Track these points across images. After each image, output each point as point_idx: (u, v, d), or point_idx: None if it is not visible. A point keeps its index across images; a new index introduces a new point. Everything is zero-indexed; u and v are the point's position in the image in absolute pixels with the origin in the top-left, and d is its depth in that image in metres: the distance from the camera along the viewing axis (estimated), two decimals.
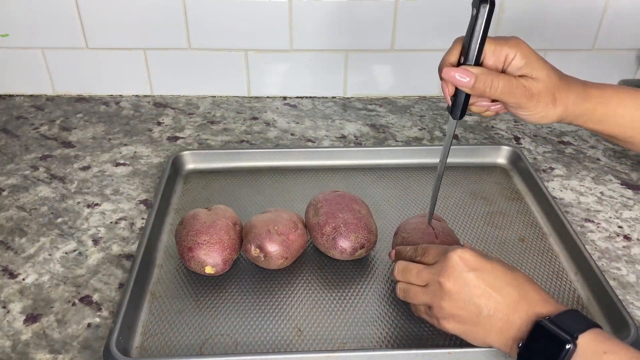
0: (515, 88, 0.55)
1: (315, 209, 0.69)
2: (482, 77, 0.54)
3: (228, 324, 0.62)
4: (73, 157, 0.92)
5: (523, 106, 0.57)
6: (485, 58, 0.56)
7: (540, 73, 0.56)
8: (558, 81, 0.57)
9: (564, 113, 0.57)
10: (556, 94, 0.56)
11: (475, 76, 0.54)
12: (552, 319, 0.48)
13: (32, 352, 0.59)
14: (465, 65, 0.55)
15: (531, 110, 0.57)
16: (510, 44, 0.56)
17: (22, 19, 1.01)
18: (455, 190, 0.84)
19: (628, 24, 1.03)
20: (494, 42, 0.55)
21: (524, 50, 0.56)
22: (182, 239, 0.65)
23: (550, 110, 0.57)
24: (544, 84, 0.56)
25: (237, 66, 1.07)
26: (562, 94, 0.57)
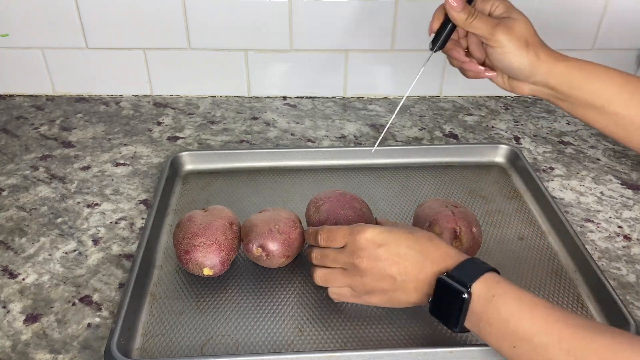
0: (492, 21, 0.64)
1: (316, 206, 0.69)
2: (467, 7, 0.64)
3: (229, 324, 0.62)
4: (73, 157, 0.92)
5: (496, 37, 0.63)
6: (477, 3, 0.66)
7: (518, 15, 0.65)
8: (533, 34, 0.64)
9: (535, 61, 0.63)
10: (529, 40, 0.63)
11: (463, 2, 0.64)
12: (449, 273, 0.53)
13: (32, 352, 0.59)
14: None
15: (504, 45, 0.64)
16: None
17: (22, 19, 1.01)
18: (454, 189, 0.84)
19: (628, 24, 1.03)
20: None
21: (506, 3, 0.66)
22: (179, 241, 0.65)
23: (522, 55, 0.63)
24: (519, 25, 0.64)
25: (237, 66, 1.07)
26: (536, 45, 0.64)
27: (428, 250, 0.56)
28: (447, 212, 0.66)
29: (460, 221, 0.66)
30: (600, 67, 0.64)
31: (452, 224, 0.65)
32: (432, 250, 0.56)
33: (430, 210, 0.68)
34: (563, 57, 0.66)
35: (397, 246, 0.56)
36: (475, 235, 0.66)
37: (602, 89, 0.62)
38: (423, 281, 0.55)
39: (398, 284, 0.56)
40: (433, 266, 0.55)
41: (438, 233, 0.64)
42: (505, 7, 0.65)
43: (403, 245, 0.56)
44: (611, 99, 0.62)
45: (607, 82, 0.62)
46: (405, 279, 0.56)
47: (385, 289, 0.57)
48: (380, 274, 0.56)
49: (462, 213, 0.67)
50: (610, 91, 0.62)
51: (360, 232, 0.57)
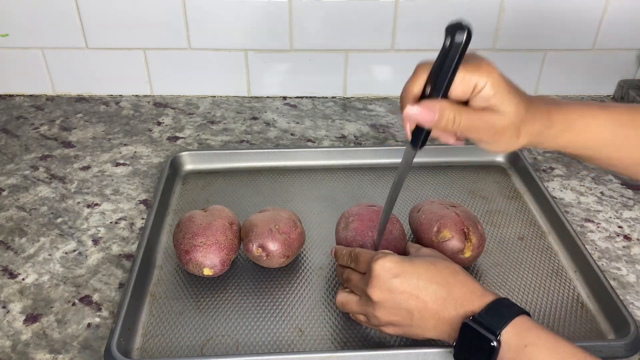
0: (479, 124, 0.51)
1: (346, 222, 0.67)
2: (445, 112, 0.50)
3: (229, 324, 0.62)
4: (73, 157, 0.92)
5: (485, 140, 0.53)
6: (453, 85, 0.50)
7: (508, 107, 0.51)
8: (524, 114, 0.52)
9: (527, 144, 0.55)
10: (521, 127, 0.52)
11: (439, 112, 0.50)
12: (476, 317, 0.49)
13: (32, 352, 0.59)
14: (427, 101, 0.50)
15: (492, 144, 0.53)
16: (481, 72, 0.50)
17: (22, 19, 1.01)
18: (454, 189, 0.84)
19: (628, 24, 1.03)
20: (464, 69, 0.49)
21: (494, 80, 0.50)
22: (179, 242, 0.65)
23: (513, 142, 0.53)
24: (509, 119, 0.51)
25: (237, 66, 1.07)
26: (527, 127, 0.53)
27: (452, 286, 0.52)
28: (450, 214, 0.66)
29: (467, 221, 0.66)
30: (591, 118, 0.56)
31: (460, 226, 0.65)
32: (456, 287, 0.52)
33: (432, 214, 0.67)
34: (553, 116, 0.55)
35: (417, 278, 0.52)
36: (481, 233, 0.66)
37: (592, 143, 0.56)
38: (444, 320, 0.51)
39: (415, 320, 0.53)
40: (457, 306, 0.51)
41: (449, 237, 0.64)
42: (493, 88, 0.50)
43: (423, 278, 0.52)
44: (602, 147, 0.57)
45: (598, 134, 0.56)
46: (423, 315, 0.52)
47: (401, 322, 0.54)
48: (394, 307, 0.53)
49: (465, 212, 0.67)
50: (602, 141, 0.56)
51: (378, 260, 0.54)
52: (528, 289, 0.67)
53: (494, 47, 1.04)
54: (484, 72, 0.50)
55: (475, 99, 0.51)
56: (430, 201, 0.71)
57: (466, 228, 0.65)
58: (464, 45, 0.47)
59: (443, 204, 0.69)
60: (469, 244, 0.65)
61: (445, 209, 0.67)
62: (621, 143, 0.57)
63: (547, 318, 0.63)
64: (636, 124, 0.56)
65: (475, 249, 0.65)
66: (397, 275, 0.53)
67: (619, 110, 0.57)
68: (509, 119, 0.51)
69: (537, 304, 0.65)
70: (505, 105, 0.51)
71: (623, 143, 0.57)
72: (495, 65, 0.51)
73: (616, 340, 0.59)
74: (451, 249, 0.64)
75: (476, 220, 0.67)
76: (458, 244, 0.64)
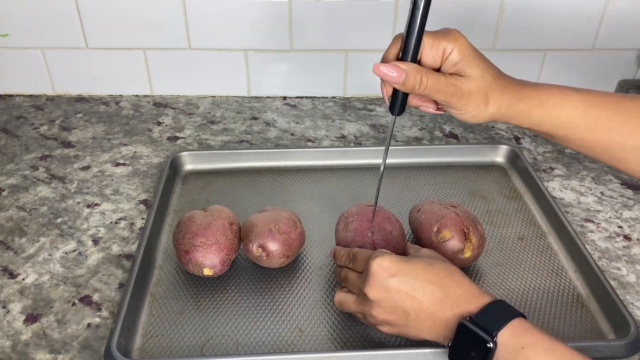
0: (445, 86, 0.54)
1: (345, 222, 0.67)
2: (412, 73, 0.53)
3: (229, 324, 0.62)
4: (73, 157, 0.92)
5: (453, 105, 0.55)
6: (424, 52, 0.54)
7: (474, 71, 0.54)
8: (492, 81, 0.55)
9: (497, 113, 0.56)
10: (489, 94, 0.55)
11: (404, 72, 0.53)
12: (473, 318, 0.49)
13: (32, 352, 0.59)
14: (395, 61, 0.54)
15: (461, 109, 0.56)
16: (448, 38, 0.53)
17: (22, 19, 1.01)
18: (454, 189, 0.84)
19: (628, 24, 1.03)
20: (432, 36, 0.53)
21: (461, 46, 0.53)
22: (179, 242, 0.65)
23: (481, 110, 0.55)
24: (475, 83, 0.54)
25: (237, 66, 1.07)
26: (496, 95, 0.55)
27: (448, 286, 0.52)
28: (450, 214, 0.66)
29: (466, 221, 0.66)
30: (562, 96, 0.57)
31: (460, 226, 0.65)
32: (453, 288, 0.52)
33: (432, 214, 0.67)
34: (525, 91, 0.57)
35: (414, 278, 0.53)
36: (481, 232, 0.66)
37: (565, 121, 0.57)
38: (440, 321, 0.52)
39: (411, 320, 0.53)
40: (453, 307, 0.51)
41: (449, 237, 0.64)
42: (460, 53, 0.53)
43: (420, 278, 0.53)
44: (575, 128, 0.57)
45: (570, 112, 0.57)
46: (419, 315, 0.52)
47: (396, 322, 0.54)
48: (390, 306, 0.53)
49: (464, 212, 0.67)
50: (574, 121, 0.57)
51: (375, 259, 0.54)
52: (528, 289, 0.67)
53: (494, 47, 1.04)
54: (452, 39, 0.54)
55: (444, 65, 0.55)
56: (430, 201, 0.71)
57: (466, 228, 0.65)
58: (425, 5, 0.51)
59: (443, 204, 0.69)
60: (469, 244, 0.65)
61: (445, 209, 0.67)
62: (594, 124, 0.57)
63: (547, 318, 0.63)
64: (608, 106, 0.57)
65: (475, 249, 0.65)
66: (394, 275, 0.53)
67: (591, 93, 0.58)
68: (475, 83, 0.54)
69: (537, 304, 0.65)
70: (471, 69, 0.54)
71: (595, 124, 0.57)
72: (463, 35, 0.54)
73: (616, 340, 0.59)
74: (451, 249, 0.64)
75: (476, 220, 0.67)
76: (458, 244, 0.64)
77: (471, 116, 0.56)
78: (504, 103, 0.56)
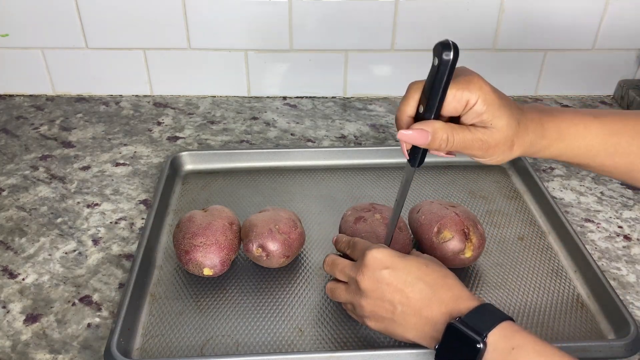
0: (472, 142, 0.52)
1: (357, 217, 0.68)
2: (440, 133, 0.51)
3: (229, 324, 0.62)
4: (73, 157, 0.92)
5: (479, 156, 0.54)
6: (446, 101, 0.51)
7: (500, 121, 0.52)
8: (517, 127, 0.53)
9: (520, 154, 0.55)
10: (515, 140, 0.53)
11: (431, 134, 0.51)
12: (462, 319, 0.49)
13: (32, 352, 0.59)
14: (420, 123, 0.51)
15: (487, 158, 0.54)
16: (471, 88, 0.50)
17: (22, 19, 1.01)
18: (454, 189, 0.84)
19: (628, 24, 1.03)
20: (455, 86, 0.50)
21: (486, 95, 0.51)
22: (179, 242, 0.65)
23: (507, 155, 0.54)
24: (502, 134, 0.52)
25: (237, 66, 1.07)
26: (520, 140, 0.54)
27: (439, 287, 0.52)
28: (450, 214, 0.66)
29: (466, 221, 0.66)
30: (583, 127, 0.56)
31: (460, 226, 0.65)
32: (443, 289, 0.52)
33: (432, 214, 0.67)
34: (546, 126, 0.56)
35: (406, 273, 0.53)
36: (481, 232, 0.66)
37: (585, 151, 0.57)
38: (426, 320, 0.52)
39: (397, 315, 0.53)
40: (441, 306, 0.51)
41: (450, 237, 0.64)
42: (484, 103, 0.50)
43: (413, 275, 0.53)
44: (595, 156, 0.57)
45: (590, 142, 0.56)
46: (405, 311, 0.52)
47: (383, 316, 0.54)
48: (379, 298, 0.53)
49: (464, 212, 0.67)
50: (594, 150, 0.57)
51: (372, 249, 0.55)
52: (528, 289, 0.67)
53: (494, 47, 1.04)
54: (475, 88, 0.50)
55: (467, 115, 0.51)
56: (429, 201, 0.71)
57: (466, 228, 0.65)
58: (452, 63, 0.48)
59: (442, 204, 0.69)
60: (469, 244, 0.65)
61: (445, 209, 0.67)
62: (613, 151, 0.57)
63: (547, 318, 0.63)
64: (627, 131, 0.57)
65: (476, 249, 0.65)
66: (387, 267, 0.54)
67: (611, 118, 0.57)
68: (502, 134, 0.52)
69: (537, 304, 0.65)
70: (497, 120, 0.51)
71: (615, 150, 0.57)
72: (486, 81, 0.51)
73: (616, 340, 0.59)
74: (452, 250, 0.64)
75: (476, 220, 0.67)
76: (458, 244, 0.64)
77: (496, 161, 0.55)
78: (527, 144, 0.55)
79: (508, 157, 0.55)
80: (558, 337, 0.61)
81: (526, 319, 0.63)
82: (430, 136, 0.51)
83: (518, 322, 0.62)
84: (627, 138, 0.56)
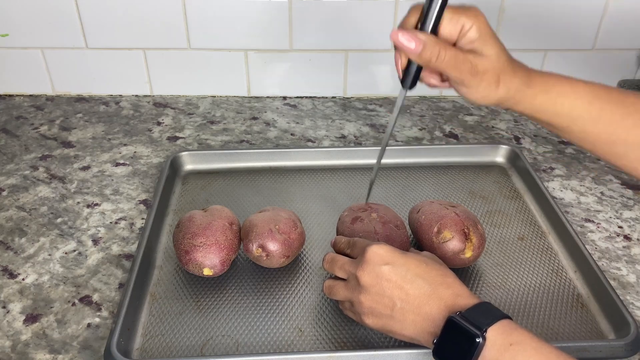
0: (462, 63, 0.53)
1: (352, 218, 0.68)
2: (430, 45, 0.52)
3: (229, 324, 0.62)
4: (73, 157, 0.92)
5: (465, 82, 0.55)
6: (442, 25, 0.53)
7: (491, 50, 0.54)
8: (505, 63, 0.55)
9: (505, 96, 0.56)
10: (501, 75, 0.55)
11: (423, 43, 0.52)
12: (462, 314, 0.49)
13: (32, 352, 0.59)
14: (415, 31, 0.52)
15: (473, 87, 0.55)
16: (468, 14, 0.53)
17: (22, 19, 1.01)
18: (454, 189, 0.84)
19: (628, 24, 1.03)
20: (452, 10, 0.53)
21: (480, 24, 0.53)
22: (179, 242, 0.65)
23: (492, 90, 0.55)
24: (491, 63, 0.54)
25: (237, 66, 1.07)
26: (507, 77, 0.55)
27: (438, 284, 0.52)
28: (450, 214, 0.66)
29: (467, 221, 0.66)
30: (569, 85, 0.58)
31: (460, 226, 0.65)
32: (442, 286, 0.52)
33: (432, 214, 0.67)
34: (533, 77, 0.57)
35: (406, 270, 0.53)
36: (481, 232, 0.66)
37: (568, 109, 0.57)
38: (425, 316, 0.51)
39: (396, 311, 0.53)
40: (440, 303, 0.51)
41: (450, 237, 0.64)
42: (478, 30, 0.53)
43: (412, 272, 0.53)
44: (577, 118, 0.58)
45: (574, 101, 0.57)
46: (404, 307, 0.52)
47: (381, 312, 0.54)
48: (378, 294, 0.53)
49: (464, 212, 0.67)
50: (577, 110, 0.57)
51: (372, 245, 0.55)
52: (528, 289, 0.67)
53: None
54: (471, 15, 0.53)
55: (461, 41, 0.54)
56: (429, 201, 0.71)
57: (466, 228, 0.65)
58: None
59: (442, 204, 0.69)
60: (469, 244, 0.65)
61: (445, 209, 0.67)
62: (596, 115, 0.57)
63: (547, 318, 0.63)
64: (612, 99, 0.57)
65: (476, 249, 0.65)
66: (388, 263, 0.54)
67: (597, 85, 0.58)
68: (490, 63, 0.54)
69: (537, 304, 0.65)
70: (488, 49, 0.54)
71: (598, 116, 0.57)
72: (483, 14, 0.54)
73: (616, 340, 0.59)
74: (452, 250, 0.64)
75: (476, 220, 0.67)
76: (459, 245, 0.64)
77: (481, 96, 0.56)
78: (513, 87, 0.56)
79: (492, 94, 0.55)
80: (558, 337, 0.61)
81: (526, 318, 0.63)
82: (422, 45, 0.52)
83: (518, 321, 0.62)
84: (611, 105, 0.57)
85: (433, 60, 0.52)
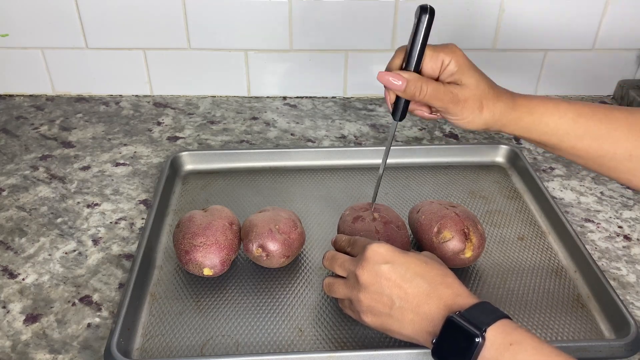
0: (443, 94, 0.58)
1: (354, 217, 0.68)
2: (413, 82, 0.58)
3: (229, 324, 0.62)
4: (73, 157, 0.92)
5: (450, 111, 0.59)
6: (424, 63, 0.59)
7: (469, 79, 0.59)
8: (487, 90, 0.59)
9: (490, 120, 0.60)
10: (484, 101, 0.59)
11: (406, 80, 0.58)
12: (462, 313, 0.49)
13: (32, 352, 0.59)
14: (398, 71, 0.59)
15: (457, 115, 0.60)
16: (446, 51, 0.59)
17: (22, 19, 1.01)
18: (454, 189, 0.84)
19: (628, 24, 1.03)
20: (432, 48, 0.59)
21: (458, 58, 0.59)
22: (179, 241, 0.65)
23: (476, 116, 0.59)
24: (471, 90, 0.59)
25: (237, 66, 1.07)
26: (490, 102, 0.59)
27: (438, 284, 0.52)
28: (450, 214, 0.66)
29: (466, 221, 0.66)
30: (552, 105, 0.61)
31: (459, 226, 0.65)
32: (442, 286, 0.52)
33: (432, 214, 0.67)
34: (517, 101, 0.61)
35: (405, 269, 0.53)
36: (481, 232, 0.66)
37: (553, 128, 0.60)
38: (423, 315, 0.52)
39: (394, 310, 0.53)
40: (439, 303, 0.51)
41: (450, 237, 0.64)
42: (456, 64, 0.59)
43: (412, 271, 0.53)
44: (564, 135, 0.60)
45: (559, 120, 0.60)
46: (403, 306, 0.53)
47: (380, 311, 0.54)
48: (377, 292, 0.54)
49: (464, 212, 0.67)
50: (563, 128, 0.60)
51: (373, 244, 0.56)
52: (528, 289, 0.67)
53: (494, 47, 1.04)
54: (449, 51, 0.59)
55: (442, 74, 0.60)
56: (429, 201, 0.71)
57: (466, 228, 0.65)
58: (429, 22, 0.57)
59: (442, 204, 0.69)
60: (469, 244, 0.65)
61: (445, 209, 0.67)
62: (582, 132, 0.60)
63: (547, 318, 0.63)
64: (596, 115, 0.60)
65: (476, 249, 0.65)
66: (387, 262, 0.54)
67: (580, 103, 0.61)
68: (470, 91, 0.59)
69: (537, 304, 0.65)
70: (467, 78, 0.59)
71: (584, 132, 0.60)
72: (460, 49, 0.59)
73: (616, 340, 0.59)
74: (452, 250, 0.65)
75: (476, 220, 0.67)
76: (459, 244, 0.64)
77: (467, 122, 0.60)
78: (498, 110, 0.60)
79: (478, 120, 0.60)
80: (558, 337, 0.61)
81: (526, 318, 0.63)
82: (406, 83, 0.58)
83: (518, 321, 0.63)
84: (595, 121, 0.60)
85: (417, 94, 0.58)
